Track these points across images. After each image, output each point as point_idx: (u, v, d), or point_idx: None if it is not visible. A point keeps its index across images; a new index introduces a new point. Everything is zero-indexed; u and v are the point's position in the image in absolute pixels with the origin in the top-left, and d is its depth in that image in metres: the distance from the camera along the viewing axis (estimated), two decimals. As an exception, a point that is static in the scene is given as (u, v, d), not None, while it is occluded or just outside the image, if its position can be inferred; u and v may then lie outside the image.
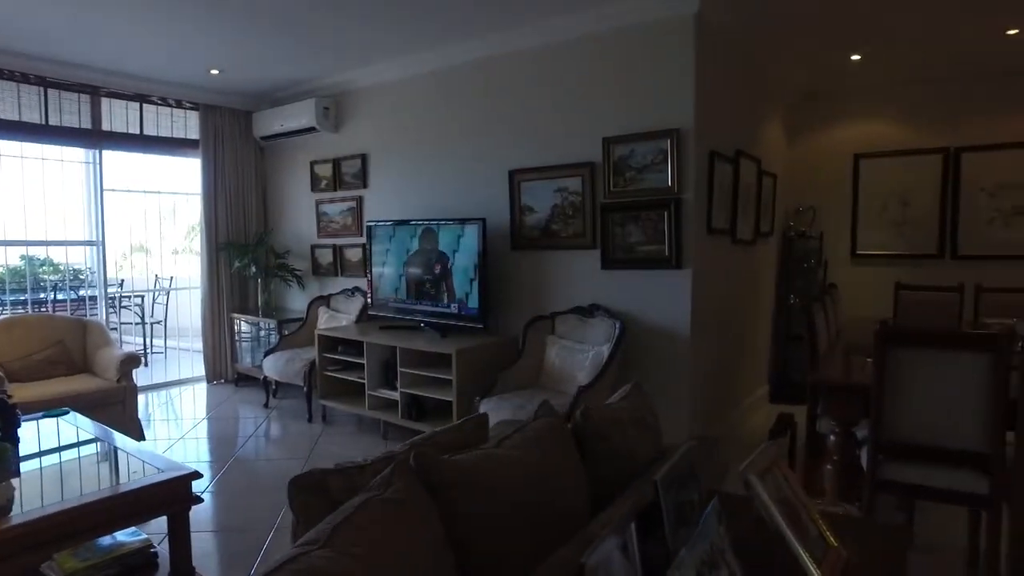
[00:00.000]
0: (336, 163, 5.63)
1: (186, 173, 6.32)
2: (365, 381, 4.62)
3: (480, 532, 1.30)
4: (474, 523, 1.30)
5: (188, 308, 6.98)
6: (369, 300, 5.08)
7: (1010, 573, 2.46)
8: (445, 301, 4.51)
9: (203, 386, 6.15)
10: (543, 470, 1.50)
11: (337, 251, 5.75)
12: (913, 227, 5.29)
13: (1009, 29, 4.50)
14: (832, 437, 2.77)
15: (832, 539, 1.32)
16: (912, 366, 2.40)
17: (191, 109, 5.96)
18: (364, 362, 4.60)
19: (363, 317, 5.19)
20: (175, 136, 5.95)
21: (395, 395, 4.44)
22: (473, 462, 1.40)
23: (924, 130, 5.25)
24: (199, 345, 6.27)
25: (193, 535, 2.48)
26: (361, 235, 5.42)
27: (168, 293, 7.59)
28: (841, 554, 1.29)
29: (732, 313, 4.52)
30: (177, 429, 4.89)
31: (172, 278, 7.51)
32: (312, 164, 5.87)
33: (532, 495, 1.42)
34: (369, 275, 5.02)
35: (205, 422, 5.04)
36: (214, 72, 5.35)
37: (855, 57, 5.05)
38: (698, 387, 3.98)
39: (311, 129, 5.52)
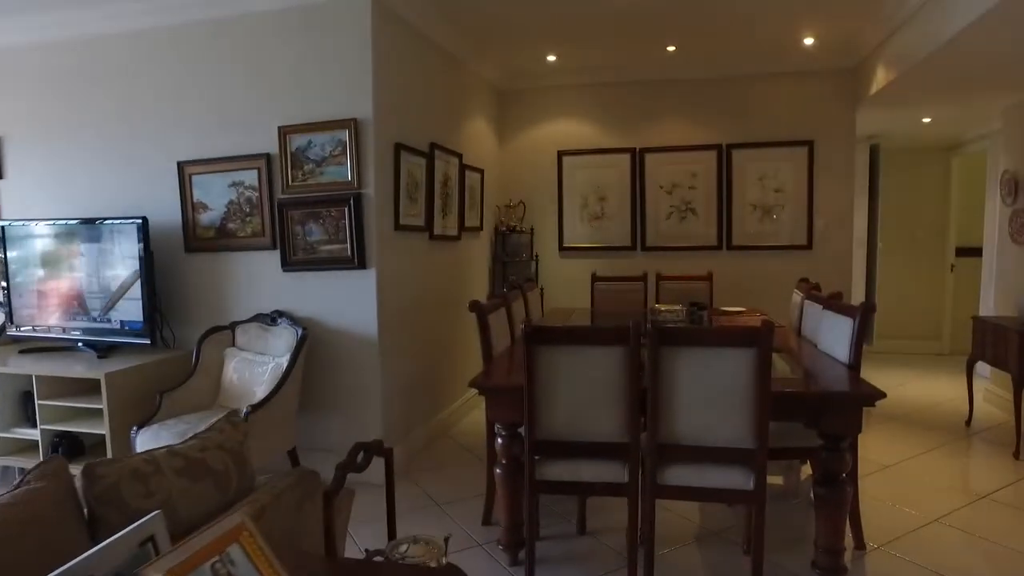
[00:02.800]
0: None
1: None
2: (-7, 420, 3.73)
3: None
4: None
5: None
6: (7, 318, 4.13)
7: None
8: (104, 315, 3.80)
9: None
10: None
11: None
12: (610, 221, 5.66)
13: (669, 46, 4.98)
14: (499, 440, 2.70)
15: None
16: (558, 362, 2.39)
17: None
18: (-9, 396, 3.71)
19: (0, 339, 4.21)
20: None
21: (35, 434, 3.63)
22: None
23: (615, 130, 5.63)
24: None
25: None
26: None
27: None
28: None
29: (433, 313, 4.41)
30: None
31: None
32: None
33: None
34: (6, 287, 4.07)
35: None
36: None
37: (551, 58, 5.25)
38: (392, 394, 3.79)
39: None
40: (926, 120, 5.88)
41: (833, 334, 3.00)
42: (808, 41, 4.85)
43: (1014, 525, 3.11)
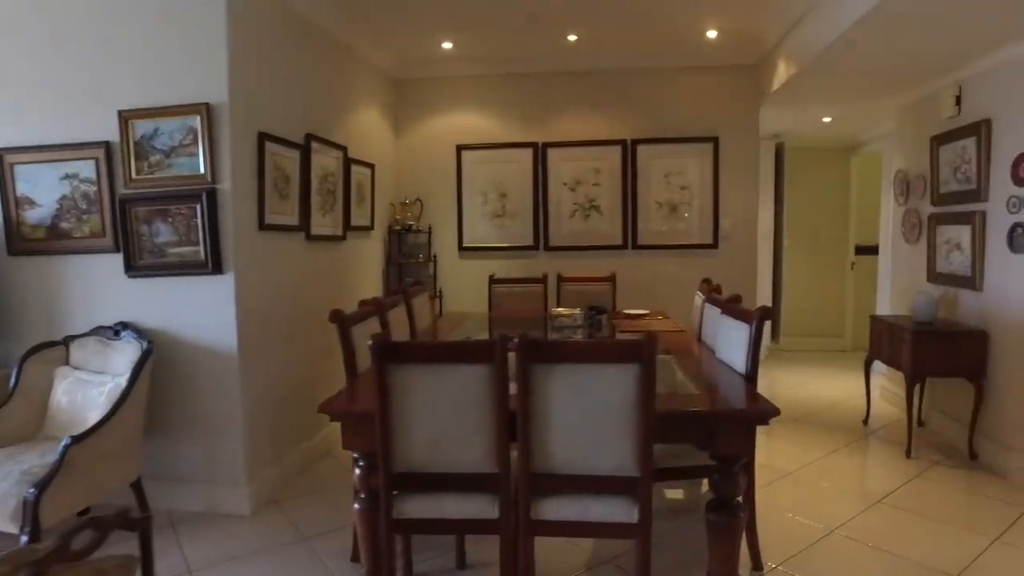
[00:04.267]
0: None
1: None
2: None
3: None
4: None
5: None
6: None
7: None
8: (-94, 330, 3.21)
9: None
10: None
11: None
12: (512, 220, 5.39)
13: (570, 35, 4.75)
14: (356, 471, 2.35)
15: None
16: (414, 383, 2.07)
17: None
18: None
19: None
20: None
21: None
22: None
23: (516, 124, 5.37)
24: None
25: None
26: None
27: None
28: None
29: (311, 322, 3.98)
30: None
31: None
32: None
33: None
34: None
35: None
36: None
37: (447, 45, 4.92)
38: (258, 413, 3.37)
39: None
40: (826, 119, 5.91)
41: (730, 341, 2.81)
42: (711, 34, 4.72)
43: (906, 531, 3.03)
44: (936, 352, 3.95)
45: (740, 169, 5.19)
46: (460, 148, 5.40)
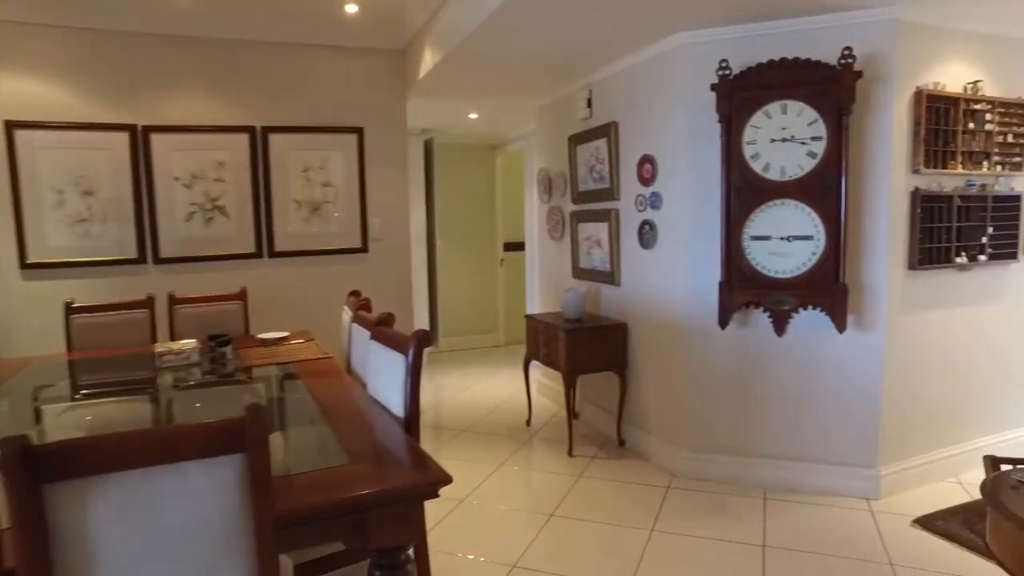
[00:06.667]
0: None
1: None
2: None
3: None
4: None
5: None
6: None
7: None
8: None
9: None
10: None
11: None
12: (103, 225, 4.09)
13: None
14: None
15: None
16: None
17: None
18: None
19: None
20: None
21: None
22: None
23: (103, 99, 4.08)
24: None
25: None
26: None
27: None
28: None
29: None
30: None
31: None
32: None
33: None
34: None
35: None
36: None
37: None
38: None
39: None
40: (473, 115, 5.83)
41: (383, 374, 2.24)
42: (351, 8, 4.10)
43: (580, 545, 2.87)
44: (588, 350, 4.00)
45: (388, 165, 4.72)
46: (11, 126, 3.88)
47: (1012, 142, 3.62)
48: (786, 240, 3.18)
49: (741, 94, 3.19)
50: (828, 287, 3.13)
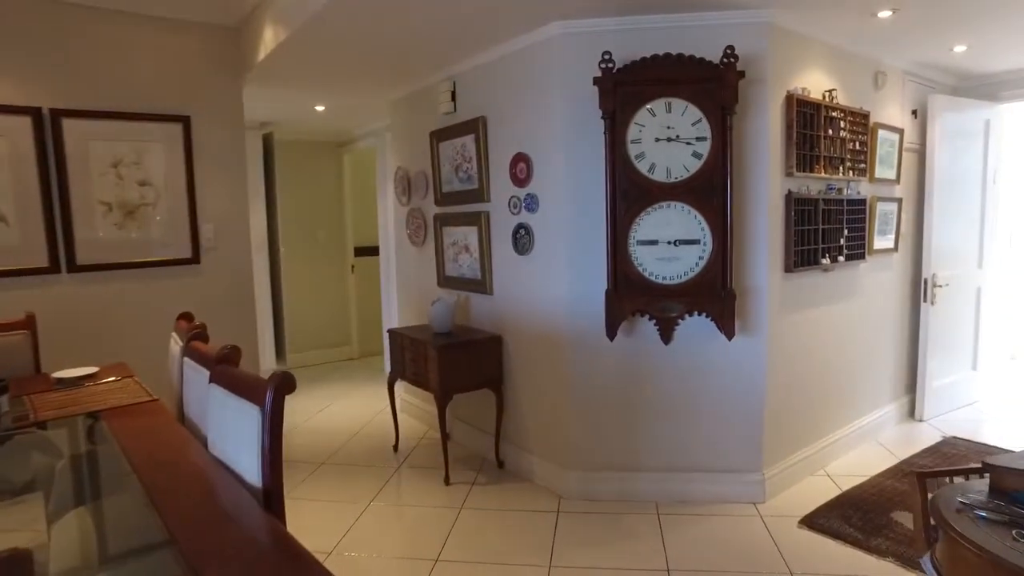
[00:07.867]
0: None
1: None
2: None
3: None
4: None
5: None
6: None
7: None
8: None
9: None
10: None
11: None
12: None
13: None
14: None
15: None
16: None
17: None
18: None
19: None
20: None
21: None
22: None
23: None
24: None
25: None
26: None
27: None
28: None
29: None
30: None
31: None
32: None
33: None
34: None
35: None
36: None
37: None
38: None
39: None
40: (320, 108, 5.24)
41: (229, 429, 1.73)
42: (165, -27, 3.43)
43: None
44: (463, 367, 3.64)
45: (222, 162, 4.03)
46: None
47: (859, 149, 3.79)
48: (673, 244, 3.04)
49: (625, 89, 3.00)
50: (716, 294, 3.03)
